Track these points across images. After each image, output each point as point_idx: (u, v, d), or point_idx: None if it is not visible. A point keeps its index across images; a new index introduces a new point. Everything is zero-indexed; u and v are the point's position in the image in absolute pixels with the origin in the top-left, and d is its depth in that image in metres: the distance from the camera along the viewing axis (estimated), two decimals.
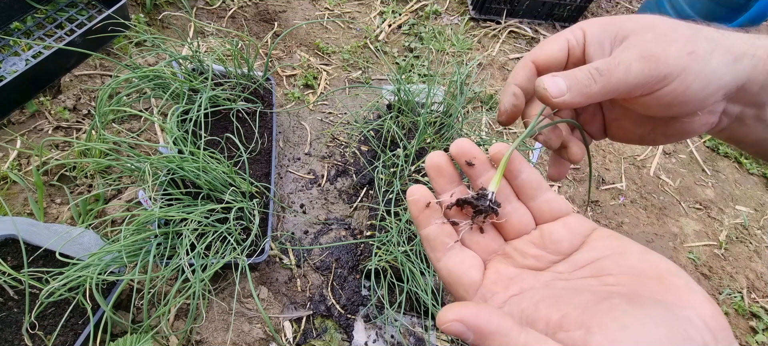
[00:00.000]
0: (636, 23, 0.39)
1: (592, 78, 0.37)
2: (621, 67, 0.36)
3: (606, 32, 0.40)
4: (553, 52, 0.41)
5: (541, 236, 0.38)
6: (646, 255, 0.32)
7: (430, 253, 0.38)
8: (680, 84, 0.36)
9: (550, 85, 0.37)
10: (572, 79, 0.37)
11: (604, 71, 0.37)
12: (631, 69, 0.36)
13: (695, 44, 0.36)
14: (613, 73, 0.36)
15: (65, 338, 0.91)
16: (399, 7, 1.87)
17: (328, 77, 1.60)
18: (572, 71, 0.38)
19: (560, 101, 0.37)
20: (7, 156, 1.18)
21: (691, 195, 1.67)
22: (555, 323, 0.28)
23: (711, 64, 0.36)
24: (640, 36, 0.37)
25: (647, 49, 0.36)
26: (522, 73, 0.42)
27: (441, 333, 1.16)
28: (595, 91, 0.37)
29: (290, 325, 1.12)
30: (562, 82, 0.37)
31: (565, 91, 0.37)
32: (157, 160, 0.96)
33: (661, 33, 0.37)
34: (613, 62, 0.37)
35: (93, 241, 0.97)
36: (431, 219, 0.38)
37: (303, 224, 1.27)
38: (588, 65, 0.38)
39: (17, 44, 1.32)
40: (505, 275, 0.36)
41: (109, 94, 1.02)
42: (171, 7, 1.59)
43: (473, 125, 1.56)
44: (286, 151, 1.40)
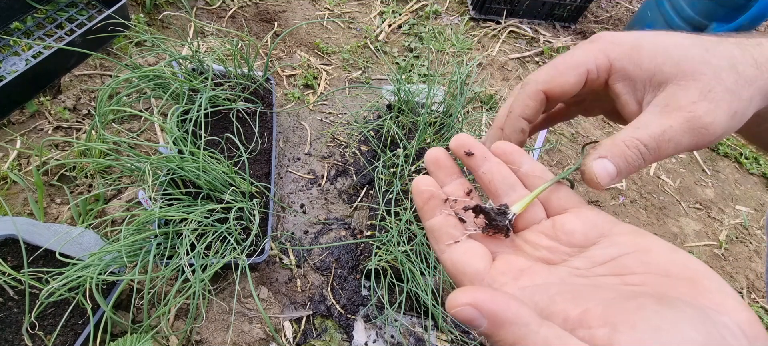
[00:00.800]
0: (674, 67, 0.34)
1: (641, 156, 0.34)
2: (671, 144, 0.33)
3: (638, 69, 0.35)
4: (570, 84, 0.36)
5: (552, 226, 0.36)
6: (675, 254, 0.30)
7: (435, 244, 0.36)
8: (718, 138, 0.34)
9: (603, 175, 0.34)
10: (622, 161, 0.34)
11: (653, 149, 0.34)
12: (682, 144, 0.33)
13: (739, 100, 0.33)
14: (664, 152, 0.34)
15: (65, 338, 0.91)
16: (399, 7, 1.87)
17: (328, 77, 1.60)
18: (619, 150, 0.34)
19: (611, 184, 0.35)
20: (7, 156, 1.18)
21: (691, 195, 1.67)
22: (575, 319, 0.25)
23: (747, 114, 0.35)
24: (683, 92, 0.33)
25: (696, 117, 0.33)
26: (532, 105, 0.38)
27: (441, 333, 1.16)
28: (643, 166, 0.35)
29: (290, 325, 1.12)
30: (612, 167, 0.34)
31: (615, 176, 0.35)
32: (157, 160, 0.96)
33: (705, 88, 0.33)
34: (663, 138, 0.33)
35: (93, 241, 0.97)
36: (436, 210, 0.37)
37: (303, 224, 1.27)
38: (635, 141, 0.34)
39: (17, 44, 1.32)
40: (516, 266, 0.33)
41: (109, 94, 1.02)
42: (171, 7, 1.59)
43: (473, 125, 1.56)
44: (286, 151, 1.40)
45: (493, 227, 0.36)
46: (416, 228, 1.06)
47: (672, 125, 0.33)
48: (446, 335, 1.15)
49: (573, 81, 0.36)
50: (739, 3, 1.52)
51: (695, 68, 0.33)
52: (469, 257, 0.34)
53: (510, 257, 0.34)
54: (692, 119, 0.32)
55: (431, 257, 1.06)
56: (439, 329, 1.16)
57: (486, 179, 0.39)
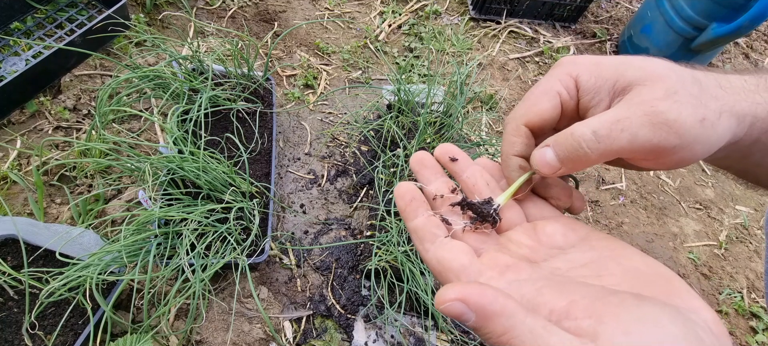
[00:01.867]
0: (638, 71, 0.34)
1: (586, 146, 0.33)
2: (625, 134, 0.31)
3: (601, 79, 0.35)
4: (547, 112, 0.37)
5: (533, 228, 0.37)
6: (647, 258, 0.31)
7: (419, 244, 0.36)
8: (688, 152, 0.32)
9: (541, 164, 0.35)
10: (563, 150, 0.34)
11: (603, 137, 0.32)
12: (639, 137, 0.31)
13: (705, 108, 0.32)
14: (615, 141, 0.32)
15: (65, 338, 0.91)
16: (399, 7, 1.87)
17: (328, 77, 1.60)
18: (561, 140, 0.34)
19: (559, 174, 0.35)
20: (7, 156, 1.18)
21: (691, 195, 1.67)
22: (560, 310, 0.26)
23: (718, 131, 0.33)
24: (647, 90, 0.33)
25: (659, 112, 0.31)
26: (519, 142, 0.38)
27: (441, 333, 1.16)
28: (592, 159, 0.33)
29: (290, 325, 1.12)
30: (552, 155, 0.35)
31: (558, 165, 0.35)
32: (157, 160, 0.96)
33: (671, 89, 0.32)
34: (616, 127, 0.32)
35: (93, 241, 0.97)
36: (419, 211, 0.37)
37: (303, 224, 1.27)
38: (581, 128, 0.33)
39: (17, 44, 1.32)
40: (501, 262, 0.33)
41: (109, 94, 1.02)
42: (171, 7, 1.59)
43: (473, 125, 1.56)
44: (286, 151, 1.40)
45: (481, 217, 0.37)
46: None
47: (628, 116, 0.32)
48: (446, 335, 1.15)
49: (548, 106, 0.36)
50: (739, 3, 1.52)
51: (659, 72, 0.33)
52: (455, 254, 0.34)
53: (495, 253, 0.35)
54: (653, 113, 0.31)
55: None
56: (439, 329, 1.16)
57: (470, 183, 0.40)
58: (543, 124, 0.37)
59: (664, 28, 1.75)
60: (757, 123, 0.35)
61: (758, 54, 2.20)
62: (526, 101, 0.38)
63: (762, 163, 0.40)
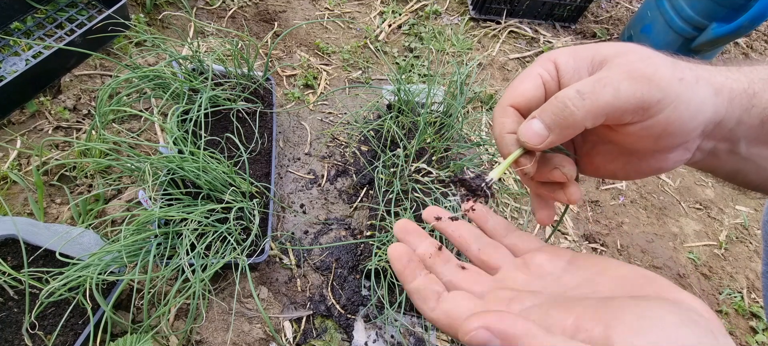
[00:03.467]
0: (612, 48, 0.36)
1: (572, 104, 0.33)
2: (608, 89, 0.32)
3: (579, 59, 0.37)
4: (529, 91, 0.38)
5: (523, 262, 0.39)
6: (630, 266, 0.33)
7: (423, 304, 0.36)
8: (673, 112, 0.33)
9: (529, 135, 0.35)
10: (548, 115, 0.34)
11: (587, 93, 0.33)
12: (621, 90, 0.32)
13: (681, 71, 0.34)
14: (600, 95, 0.32)
15: (65, 338, 0.91)
16: (399, 7, 1.87)
17: (328, 77, 1.60)
18: (546, 106, 0.35)
19: (547, 144, 0.35)
20: (7, 156, 1.18)
21: (691, 195, 1.67)
22: (571, 327, 0.28)
23: (699, 94, 0.34)
24: (623, 57, 0.34)
25: (637, 68, 0.33)
26: (508, 121, 0.39)
27: (441, 333, 1.16)
28: (579, 118, 0.33)
29: (290, 325, 1.12)
30: (538, 124, 0.35)
31: (546, 133, 0.35)
32: (157, 160, 0.96)
33: (645, 55, 0.34)
34: (599, 83, 0.33)
35: (93, 241, 0.97)
36: (416, 272, 0.38)
37: (303, 224, 1.27)
38: (564, 90, 0.34)
39: (17, 44, 1.32)
40: (504, 297, 0.35)
41: (109, 94, 1.02)
42: (171, 7, 1.59)
43: (473, 125, 1.56)
44: (286, 151, 1.40)
45: (472, 192, 0.39)
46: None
47: (609, 75, 0.33)
48: (446, 335, 1.15)
49: (530, 86, 0.38)
50: (739, 3, 1.52)
51: (632, 47, 0.35)
52: (460, 302, 0.35)
53: (496, 292, 0.36)
54: (632, 70, 0.33)
55: None
56: (439, 329, 1.16)
57: (456, 235, 0.42)
58: (528, 103, 0.38)
59: (664, 28, 1.75)
60: (736, 98, 0.36)
61: (758, 54, 2.20)
62: (510, 88, 0.40)
63: (750, 154, 0.40)
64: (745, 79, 0.38)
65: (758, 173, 0.42)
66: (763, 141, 0.39)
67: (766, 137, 0.39)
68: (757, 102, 0.37)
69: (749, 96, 0.37)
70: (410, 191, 1.16)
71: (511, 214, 1.42)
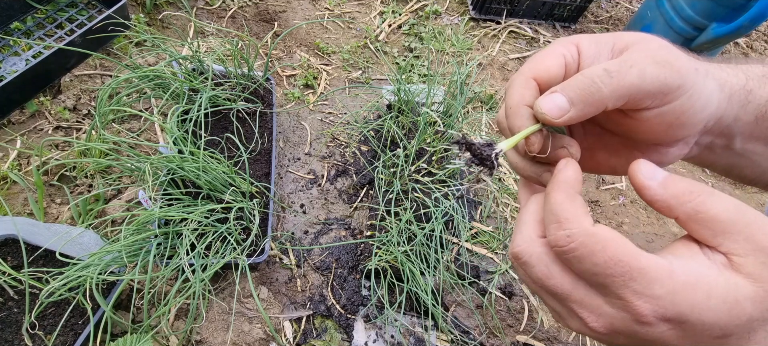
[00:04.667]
0: (633, 36, 0.37)
1: (600, 81, 0.33)
2: (634, 69, 0.33)
3: (600, 45, 0.38)
4: (553, 68, 0.38)
5: None
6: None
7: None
8: (688, 100, 0.34)
9: (549, 107, 0.34)
10: (574, 90, 0.34)
11: (614, 72, 0.33)
12: (647, 73, 0.33)
13: (695, 62, 0.35)
14: (626, 76, 0.33)
15: (65, 338, 0.91)
16: (399, 7, 1.87)
17: (328, 77, 1.60)
18: (571, 81, 0.35)
19: (566, 119, 0.34)
20: (7, 156, 1.18)
21: None
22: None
23: (708, 86, 0.35)
24: (644, 44, 0.35)
25: (659, 54, 0.33)
26: (528, 93, 0.38)
27: (441, 333, 1.16)
28: (605, 95, 0.33)
29: (290, 325, 1.12)
30: (560, 98, 0.34)
31: (567, 107, 0.34)
32: (157, 160, 0.96)
33: (664, 44, 0.35)
34: (625, 63, 0.33)
35: (93, 241, 0.97)
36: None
37: (303, 224, 1.27)
38: (591, 68, 0.34)
39: (17, 44, 1.32)
40: None
41: (109, 94, 1.02)
42: (171, 7, 1.59)
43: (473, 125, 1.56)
44: (286, 151, 1.40)
45: (479, 159, 0.37)
46: (416, 228, 1.06)
47: (634, 57, 0.34)
48: (446, 335, 1.15)
49: (554, 63, 0.38)
50: (739, 3, 1.52)
51: (650, 37, 0.36)
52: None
53: None
54: (655, 55, 0.33)
55: (431, 257, 1.06)
56: (439, 329, 1.16)
57: None
58: (549, 79, 0.38)
59: (664, 28, 1.75)
60: (735, 95, 0.37)
61: (758, 54, 2.20)
62: (532, 60, 0.39)
63: (745, 150, 0.41)
64: (743, 75, 0.39)
65: (752, 168, 0.43)
66: (757, 137, 0.40)
67: (759, 134, 0.40)
68: (753, 99, 0.38)
69: (746, 92, 0.38)
70: (410, 191, 1.16)
71: (511, 213, 1.42)
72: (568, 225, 0.31)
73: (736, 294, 0.28)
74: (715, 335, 0.29)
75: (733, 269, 0.29)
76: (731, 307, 0.28)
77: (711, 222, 0.30)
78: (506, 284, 1.29)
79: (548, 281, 0.33)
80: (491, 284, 1.25)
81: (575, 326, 0.34)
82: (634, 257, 0.29)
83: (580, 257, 0.30)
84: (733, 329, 0.29)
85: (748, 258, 0.29)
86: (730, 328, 0.28)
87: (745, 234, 0.29)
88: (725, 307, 0.28)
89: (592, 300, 0.31)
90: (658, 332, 0.29)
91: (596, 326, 0.31)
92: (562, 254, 0.31)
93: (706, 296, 0.28)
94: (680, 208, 0.32)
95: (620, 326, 0.30)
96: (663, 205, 0.32)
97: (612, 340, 0.32)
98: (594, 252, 0.30)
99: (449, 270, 1.17)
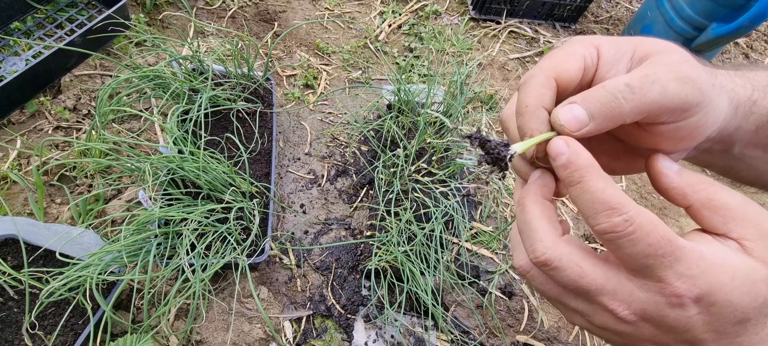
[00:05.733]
0: (653, 45, 0.36)
1: (622, 97, 0.32)
2: (656, 86, 0.32)
3: (619, 51, 0.37)
4: (574, 71, 0.36)
5: None
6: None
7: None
8: (704, 116, 0.34)
9: (568, 119, 0.33)
10: (595, 104, 0.33)
11: (636, 88, 0.32)
12: (669, 90, 0.32)
13: (714, 76, 0.35)
14: (649, 92, 0.32)
15: (65, 338, 0.91)
16: (399, 7, 1.87)
17: (328, 77, 1.60)
18: (592, 93, 0.33)
19: (584, 132, 0.33)
20: (7, 156, 1.18)
21: None
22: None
23: (722, 101, 0.35)
24: (665, 56, 0.34)
25: (681, 70, 0.33)
26: (548, 94, 0.35)
27: (441, 333, 1.16)
28: (626, 111, 0.32)
29: (290, 325, 1.12)
30: (580, 110, 0.33)
31: (587, 120, 0.33)
32: (157, 160, 0.96)
33: (684, 57, 0.34)
34: (647, 79, 0.32)
35: (93, 241, 0.97)
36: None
37: (303, 224, 1.27)
38: (612, 82, 0.33)
39: (17, 44, 1.32)
40: None
41: (109, 94, 1.02)
42: (171, 7, 1.59)
43: (473, 125, 1.56)
44: (286, 151, 1.40)
45: (492, 159, 0.36)
46: (416, 228, 1.06)
47: (656, 72, 0.33)
48: (446, 335, 1.15)
49: (575, 65, 0.36)
50: (739, 3, 1.52)
51: (670, 46, 0.36)
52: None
53: None
54: (678, 71, 0.33)
55: (431, 257, 1.06)
56: (439, 329, 1.16)
57: None
58: (569, 83, 0.36)
59: (664, 28, 1.75)
60: (740, 106, 0.38)
61: (758, 54, 2.20)
62: (553, 58, 0.37)
63: (743, 154, 0.42)
64: (749, 85, 0.38)
65: (749, 170, 0.44)
66: (755, 144, 0.40)
67: (758, 141, 0.40)
68: (756, 109, 0.38)
69: (751, 103, 0.38)
70: (410, 191, 1.16)
71: (511, 214, 1.42)
72: (625, 209, 0.30)
73: (753, 276, 0.30)
74: (737, 319, 0.30)
75: (747, 252, 0.31)
76: (750, 288, 0.29)
77: (723, 209, 0.32)
78: (506, 284, 1.29)
79: (582, 280, 0.32)
80: (491, 284, 1.25)
81: (601, 321, 0.33)
82: (675, 238, 0.30)
83: (636, 239, 0.29)
84: (752, 312, 0.29)
85: (758, 243, 0.31)
86: (749, 310, 0.29)
87: (753, 221, 0.31)
88: (746, 288, 0.29)
89: (624, 287, 0.31)
90: (686, 315, 0.30)
91: (626, 315, 0.31)
92: (617, 239, 0.30)
93: (732, 276, 0.29)
94: (694, 196, 0.33)
95: (652, 311, 0.31)
96: (679, 192, 0.34)
97: (637, 332, 0.32)
98: (649, 232, 0.29)
99: (449, 270, 1.17)
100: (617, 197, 0.30)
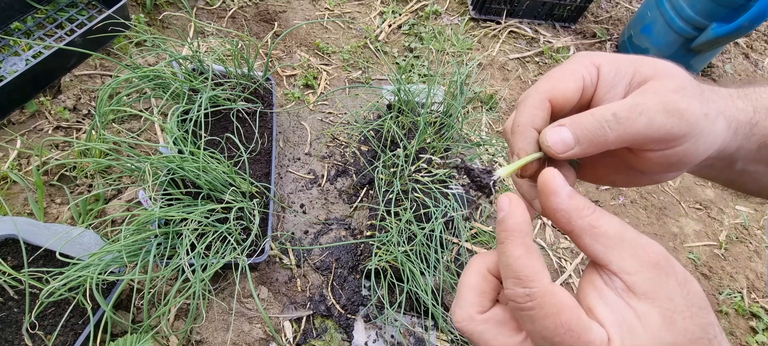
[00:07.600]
0: (652, 68, 0.36)
1: (607, 126, 0.33)
2: (643, 117, 0.33)
3: (619, 74, 0.37)
4: (571, 92, 0.37)
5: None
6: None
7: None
8: (693, 145, 0.34)
9: (554, 140, 0.34)
10: (581, 129, 0.34)
11: (622, 119, 0.33)
12: (655, 121, 0.33)
13: (707, 105, 0.35)
14: (634, 123, 0.33)
15: (65, 338, 0.91)
16: (399, 7, 1.87)
17: (328, 77, 1.60)
18: (580, 119, 0.34)
19: (569, 155, 0.34)
20: (7, 156, 1.18)
21: (691, 195, 1.67)
22: None
23: (717, 128, 0.35)
24: (661, 83, 0.34)
25: (672, 101, 0.33)
26: (541, 115, 0.36)
27: (441, 333, 1.16)
28: (610, 140, 0.33)
29: (290, 325, 1.12)
30: (568, 134, 0.34)
31: (573, 144, 0.34)
32: (157, 160, 0.96)
33: (680, 85, 0.34)
34: (634, 110, 0.33)
35: (93, 241, 0.97)
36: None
37: (303, 224, 1.27)
38: (601, 109, 0.34)
39: (17, 44, 1.32)
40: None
41: (109, 94, 1.02)
42: (171, 7, 1.59)
43: (473, 125, 1.56)
44: (286, 151, 1.40)
45: (477, 186, 0.37)
46: (416, 228, 1.06)
47: (645, 102, 0.33)
48: (446, 335, 1.15)
49: (573, 86, 0.37)
50: (739, 3, 1.52)
51: (670, 70, 0.36)
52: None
53: None
54: (667, 102, 0.33)
55: (431, 257, 1.06)
56: (439, 329, 1.16)
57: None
58: (565, 103, 0.37)
59: (664, 28, 1.75)
60: (740, 129, 0.38)
61: (758, 54, 2.20)
62: (551, 78, 0.37)
63: (746, 170, 0.42)
64: (750, 107, 0.39)
65: (754, 183, 0.44)
66: (758, 161, 0.41)
67: (760, 158, 0.40)
68: (758, 130, 0.39)
69: (752, 126, 0.38)
70: (410, 191, 1.16)
71: None
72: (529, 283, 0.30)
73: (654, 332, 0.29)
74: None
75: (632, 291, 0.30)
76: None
77: (603, 237, 0.32)
78: None
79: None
80: None
81: None
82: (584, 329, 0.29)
83: (534, 316, 0.30)
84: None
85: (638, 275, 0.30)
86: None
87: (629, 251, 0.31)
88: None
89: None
90: None
91: None
92: (518, 310, 0.31)
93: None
94: (578, 221, 0.32)
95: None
96: (564, 214, 0.33)
97: None
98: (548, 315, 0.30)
99: (449, 270, 1.17)
100: (528, 268, 0.31)
